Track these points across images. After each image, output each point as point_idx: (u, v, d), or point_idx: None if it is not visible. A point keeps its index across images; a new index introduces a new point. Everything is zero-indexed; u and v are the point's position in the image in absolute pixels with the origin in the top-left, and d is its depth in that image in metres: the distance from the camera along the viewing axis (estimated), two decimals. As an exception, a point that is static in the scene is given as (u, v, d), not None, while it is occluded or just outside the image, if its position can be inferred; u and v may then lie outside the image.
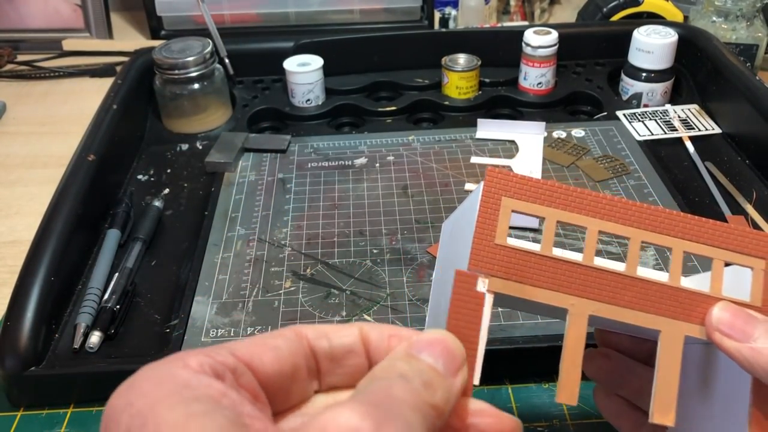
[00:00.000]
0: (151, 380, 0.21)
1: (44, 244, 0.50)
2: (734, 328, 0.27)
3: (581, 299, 0.28)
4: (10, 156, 0.75)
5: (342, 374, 0.25)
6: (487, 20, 1.00)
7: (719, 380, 0.31)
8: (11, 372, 0.44)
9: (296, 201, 0.61)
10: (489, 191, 0.28)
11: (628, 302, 0.28)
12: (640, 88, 0.73)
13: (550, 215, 0.28)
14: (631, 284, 0.28)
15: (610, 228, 0.28)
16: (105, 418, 0.21)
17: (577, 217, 0.28)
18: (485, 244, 0.27)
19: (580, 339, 0.27)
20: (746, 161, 0.65)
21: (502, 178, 0.28)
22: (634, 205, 0.29)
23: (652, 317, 0.28)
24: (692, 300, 0.28)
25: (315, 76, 0.73)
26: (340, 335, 0.25)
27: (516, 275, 0.27)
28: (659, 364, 0.27)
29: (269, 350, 0.23)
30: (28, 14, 1.01)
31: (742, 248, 0.29)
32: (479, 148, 0.67)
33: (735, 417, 0.29)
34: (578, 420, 0.42)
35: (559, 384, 0.27)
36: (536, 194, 0.28)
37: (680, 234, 0.29)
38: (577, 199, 0.28)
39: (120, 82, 0.71)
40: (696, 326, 0.28)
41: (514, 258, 0.27)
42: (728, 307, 0.28)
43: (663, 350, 0.28)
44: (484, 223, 0.27)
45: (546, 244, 0.28)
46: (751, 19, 0.81)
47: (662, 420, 0.27)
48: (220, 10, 0.96)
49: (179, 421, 0.19)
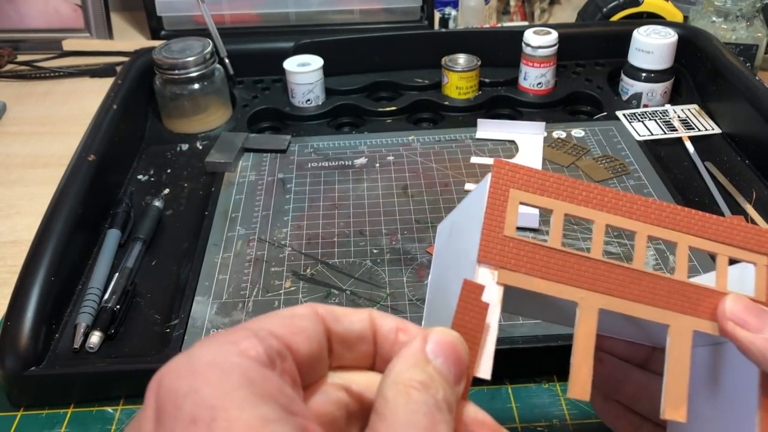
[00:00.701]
0: (215, 368, 0.21)
1: (44, 244, 0.50)
2: (747, 320, 0.27)
3: (591, 293, 0.27)
4: (10, 156, 0.75)
5: (349, 358, 0.26)
6: (487, 20, 1.00)
7: (726, 380, 0.31)
8: (11, 372, 0.44)
9: (296, 201, 0.61)
10: (497, 183, 0.28)
11: (637, 296, 0.28)
12: (639, 88, 0.73)
13: (558, 208, 0.28)
14: (639, 278, 0.28)
15: (616, 222, 0.28)
16: (161, 398, 0.21)
17: (585, 210, 0.28)
18: (494, 236, 0.27)
19: (590, 333, 0.27)
20: (746, 161, 0.65)
21: (510, 169, 0.28)
22: (639, 200, 0.29)
23: (661, 311, 0.28)
24: (699, 294, 0.28)
25: (315, 76, 0.73)
26: (353, 321, 0.26)
27: (525, 267, 0.27)
28: (669, 360, 0.27)
29: (300, 332, 0.24)
30: (29, 14, 1.01)
31: (746, 244, 0.29)
32: (479, 148, 0.67)
33: (743, 416, 0.29)
34: (578, 420, 0.42)
35: (570, 379, 0.26)
36: (544, 186, 0.28)
37: (685, 229, 0.29)
38: (584, 192, 0.28)
39: (120, 82, 0.71)
40: (704, 321, 0.28)
41: (523, 250, 0.27)
42: (741, 299, 0.28)
43: (672, 345, 0.27)
44: (493, 215, 0.27)
45: (554, 236, 0.28)
46: (751, 19, 0.81)
47: (674, 415, 0.27)
48: (220, 10, 0.97)
49: (254, 425, 0.19)
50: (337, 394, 0.25)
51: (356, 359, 0.26)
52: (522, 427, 0.42)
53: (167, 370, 0.21)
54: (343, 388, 0.25)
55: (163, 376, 0.21)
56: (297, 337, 0.24)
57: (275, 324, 0.24)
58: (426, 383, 0.23)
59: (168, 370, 0.21)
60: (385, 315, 0.27)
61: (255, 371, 0.21)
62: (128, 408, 0.45)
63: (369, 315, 0.26)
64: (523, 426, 0.42)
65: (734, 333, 0.27)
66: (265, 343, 0.22)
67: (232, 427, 0.19)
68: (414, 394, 0.22)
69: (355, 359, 0.26)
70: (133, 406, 0.45)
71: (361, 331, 0.26)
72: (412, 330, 0.26)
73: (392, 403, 0.22)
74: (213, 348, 0.22)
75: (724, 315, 0.28)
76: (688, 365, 0.27)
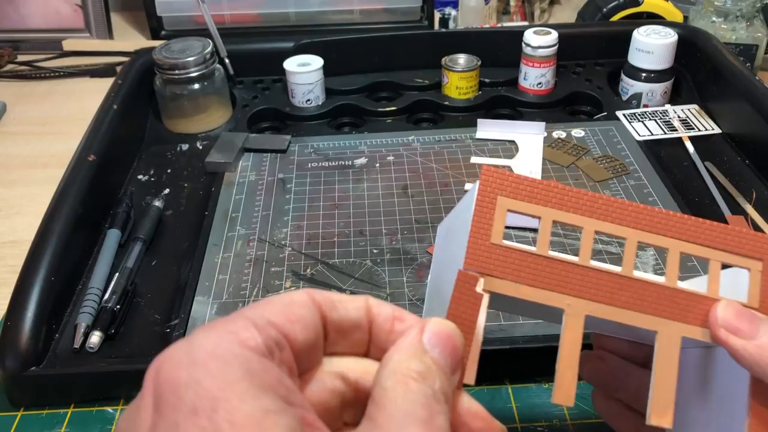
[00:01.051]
0: (215, 359, 0.21)
1: (44, 244, 0.50)
2: (739, 326, 0.27)
3: (578, 299, 0.27)
4: (10, 156, 0.75)
5: (344, 345, 0.26)
6: (487, 20, 1.00)
7: (717, 383, 0.31)
8: (11, 372, 0.44)
9: (296, 201, 0.61)
10: (485, 190, 0.28)
11: (624, 303, 0.28)
12: (640, 89, 0.73)
13: (546, 215, 0.28)
14: (627, 285, 0.28)
15: (606, 228, 0.28)
16: (160, 386, 0.21)
17: (573, 217, 0.28)
18: (480, 244, 0.27)
19: (576, 340, 0.27)
20: (746, 161, 0.65)
21: (497, 177, 0.28)
22: (630, 205, 0.28)
23: (649, 318, 0.28)
24: (689, 301, 0.28)
25: (315, 76, 0.73)
26: (349, 309, 0.26)
27: (511, 275, 0.27)
28: (656, 366, 0.27)
29: (298, 321, 0.24)
30: (29, 14, 1.01)
31: (740, 249, 0.28)
32: (479, 148, 0.67)
33: (733, 419, 0.28)
34: (578, 420, 0.42)
35: (555, 385, 0.27)
36: (532, 194, 0.28)
37: (677, 235, 0.28)
38: (573, 199, 0.28)
39: (120, 82, 0.71)
40: (693, 327, 0.28)
41: (510, 258, 0.27)
42: (733, 305, 0.28)
43: (660, 351, 0.27)
44: (480, 223, 0.27)
45: (542, 244, 0.28)
46: (751, 19, 0.81)
47: (659, 422, 0.26)
48: (220, 10, 0.97)
49: (255, 415, 0.20)
50: (333, 382, 0.25)
51: (351, 346, 0.26)
52: (522, 427, 0.42)
53: (166, 358, 0.22)
54: (338, 377, 0.26)
55: (161, 365, 0.21)
56: (294, 326, 0.24)
57: (273, 312, 0.24)
58: (424, 374, 0.23)
59: (167, 358, 0.22)
60: (382, 303, 0.27)
61: (255, 362, 0.21)
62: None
63: (365, 303, 0.26)
64: (523, 426, 0.42)
65: (726, 340, 0.27)
66: (264, 334, 0.22)
67: (234, 417, 0.20)
68: (412, 385, 0.23)
69: (350, 346, 0.26)
70: (133, 406, 0.45)
71: (357, 319, 0.26)
72: (409, 319, 0.26)
73: (391, 393, 0.22)
74: (213, 337, 0.22)
75: (716, 322, 0.27)
76: (675, 372, 0.27)
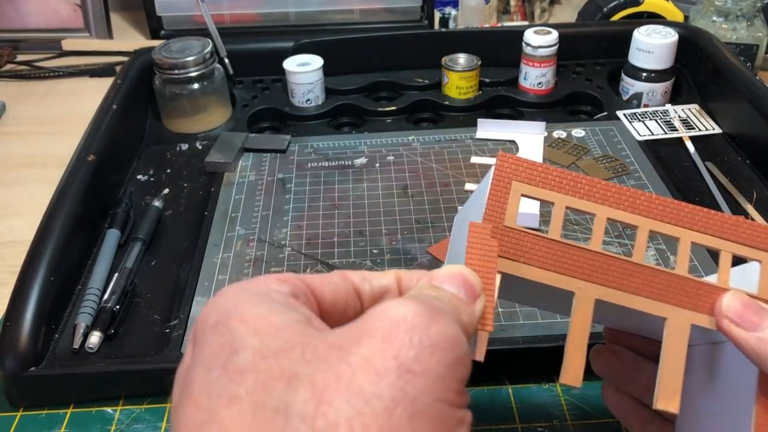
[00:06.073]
0: (235, 289, 0.24)
1: (44, 244, 0.50)
2: (743, 317, 0.27)
3: (588, 283, 0.28)
4: (10, 156, 0.75)
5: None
6: (487, 20, 1.00)
7: (724, 377, 0.31)
8: (11, 372, 0.44)
9: (296, 201, 0.61)
10: (500, 175, 0.28)
11: (634, 289, 0.28)
12: (640, 88, 0.73)
13: (560, 201, 0.28)
14: (638, 271, 0.28)
15: (618, 216, 0.29)
16: (196, 324, 0.24)
17: (586, 204, 0.29)
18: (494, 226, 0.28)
19: (585, 323, 0.27)
20: (746, 161, 0.65)
21: (513, 162, 0.28)
22: (642, 195, 0.29)
23: (659, 304, 0.28)
24: (699, 290, 0.28)
25: (315, 76, 0.73)
26: (379, 277, 0.28)
27: (524, 257, 0.28)
28: (665, 351, 0.27)
29: (328, 284, 0.26)
30: (28, 14, 1.01)
31: (751, 241, 0.29)
32: (479, 148, 0.67)
33: (740, 413, 0.29)
34: (578, 420, 0.42)
35: (563, 366, 0.27)
36: (546, 180, 0.28)
37: (688, 225, 0.29)
38: (587, 186, 0.29)
39: (120, 82, 0.71)
40: (702, 315, 0.28)
41: (523, 240, 0.28)
42: (738, 296, 0.28)
43: (669, 337, 0.28)
44: (494, 206, 0.28)
45: (554, 228, 0.28)
46: (752, 19, 0.81)
47: (666, 406, 0.27)
48: (220, 10, 0.96)
49: (262, 313, 0.23)
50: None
51: None
52: (522, 427, 0.42)
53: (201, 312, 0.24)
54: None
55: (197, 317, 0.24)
56: (324, 287, 0.26)
57: (307, 275, 0.26)
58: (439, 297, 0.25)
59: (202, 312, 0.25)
60: (409, 270, 0.28)
61: (276, 294, 0.24)
62: (128, 408, 0.44)
63: (394, 272, 0.28)
64: (523, 426, 0.42)
65: (729, 330, 0.27)
66: (291, 283, 0.25)
67: (245, 317, 0.22)
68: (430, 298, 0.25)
69: None
70: (133, 407, 0.45)
71: (388, 285, 0.28)
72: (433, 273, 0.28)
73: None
74: (240, 283, 0.25)
75: (720, 311, 0.28)
76: (683, 358, 0.27)
